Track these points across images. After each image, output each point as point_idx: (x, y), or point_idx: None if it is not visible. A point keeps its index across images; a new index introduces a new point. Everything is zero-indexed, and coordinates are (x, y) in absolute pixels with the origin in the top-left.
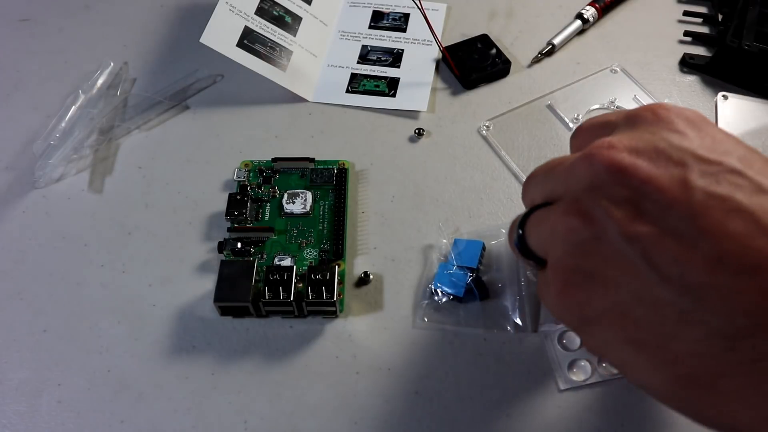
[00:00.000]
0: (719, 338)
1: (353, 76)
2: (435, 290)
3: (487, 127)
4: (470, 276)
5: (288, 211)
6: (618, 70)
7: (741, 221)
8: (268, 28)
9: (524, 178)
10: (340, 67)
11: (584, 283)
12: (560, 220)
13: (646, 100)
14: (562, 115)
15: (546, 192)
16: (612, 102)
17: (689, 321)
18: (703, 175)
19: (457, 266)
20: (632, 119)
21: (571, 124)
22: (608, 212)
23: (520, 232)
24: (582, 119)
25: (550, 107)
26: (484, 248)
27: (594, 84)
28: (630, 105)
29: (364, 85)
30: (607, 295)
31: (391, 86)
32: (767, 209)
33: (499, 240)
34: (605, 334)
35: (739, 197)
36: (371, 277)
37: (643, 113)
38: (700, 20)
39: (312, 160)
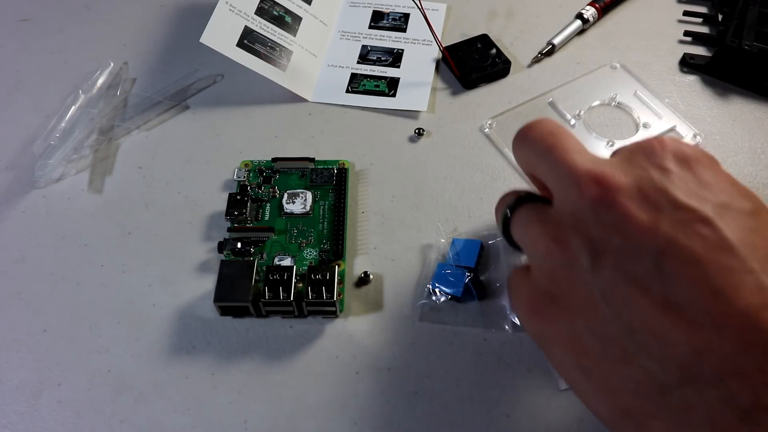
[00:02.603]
0: (654, 383)
1: (353, 76)
2: (433, 290)
3: (490, 125)
4: (468, 276)
5: (288, 211)
6: (618, 66)
7: (694, 274)
8: (268, 28)
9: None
10: (340, 67)
11: (550, 305)
12: (542, 240)
13: (647, 96)
14: (564, 111)
15: (539, 174)
16: (613, 98)
17: (630, 361)
18: (672, 222)
19: (455, 266)
20: (635, 149)
21: (572, 121)
22: (583, 244)
23: (508, 214)
24: (583, 115)
25: (551, 104)
26: (482, 248)
27: (595, 81)
28: (631, 101)
29: (364, 85)
30: (565, 320)
31: (391, 86)
32: (722, 266)
33: (497, 239)
34: (561, 355)
35: (699, 250)
36: (371, 277)
37: (643, 145)
38: (700, 20)
39: (312, 160)
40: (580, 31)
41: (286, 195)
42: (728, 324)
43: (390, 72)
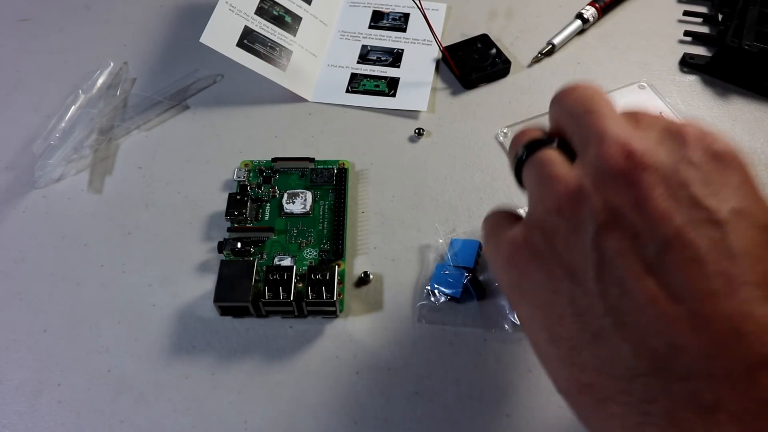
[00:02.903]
0: (622, 367)
1: (353, 75)
2: (432, 291)
3: (505, 133)
4: (467, 276)
5: (288, 211)
6: (646, 85)
7: (693, 273)
8: (268, 27)
9: None
10: (340, 66)
11: (536, 258)
12: (553, 194)
13: (671, 117)
14: None
15: (568, 133)
16: None
17: (603, 340)
18: (686, 217)
19: (454, 266)
20: (667, 134)
21: None
22: (595, 212)
23: (524, 156)
24: None
25: None
26: (480, 248)
27: (618, 98)
28: None
29: (364, 84)
30: (548, 281)
31: (391, 86)
32: (721, 270)
33: None
34: (531, 314)
35: (704, 250)
36: (371, 277)
37: (678, 132)
38: (700, 20)
39: (312, 160)
40: (580, 31)
41: (286, 195)
42: (710, 327)
43: (390, 72)
